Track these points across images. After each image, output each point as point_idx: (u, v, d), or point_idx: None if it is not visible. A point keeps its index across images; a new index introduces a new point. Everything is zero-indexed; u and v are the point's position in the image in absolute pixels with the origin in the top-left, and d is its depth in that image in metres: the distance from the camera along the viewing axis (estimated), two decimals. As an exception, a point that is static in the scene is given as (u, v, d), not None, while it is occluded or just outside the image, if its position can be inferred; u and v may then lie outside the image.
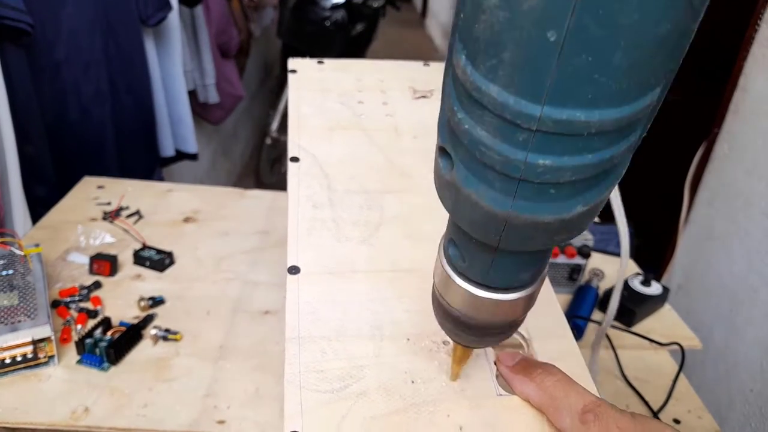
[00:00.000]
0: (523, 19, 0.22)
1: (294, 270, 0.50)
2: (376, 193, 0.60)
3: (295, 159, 0.63)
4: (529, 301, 0.36)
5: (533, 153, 0.25)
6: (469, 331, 0.37)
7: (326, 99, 0.74)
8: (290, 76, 0.77)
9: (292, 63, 0.81)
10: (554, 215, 0.28)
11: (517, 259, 0.33)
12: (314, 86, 0.76)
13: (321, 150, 0.64)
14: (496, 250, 0.32)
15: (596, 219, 1.08)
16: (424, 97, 0.77)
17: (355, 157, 0.64)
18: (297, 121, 0.69)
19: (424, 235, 0.55)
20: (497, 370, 0.43)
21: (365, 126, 0.70)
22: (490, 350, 0.45)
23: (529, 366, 0.41)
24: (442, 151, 0.30)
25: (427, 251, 0.50)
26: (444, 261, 0.36)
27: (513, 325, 0.38)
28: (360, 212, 0.57)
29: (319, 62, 0.82)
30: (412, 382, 0.42)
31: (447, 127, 0.29)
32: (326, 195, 0.58)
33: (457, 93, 0.27)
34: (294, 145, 0.65)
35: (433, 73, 0.84)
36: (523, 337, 0.47)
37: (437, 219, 0.52)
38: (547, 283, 0.52)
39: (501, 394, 0.42)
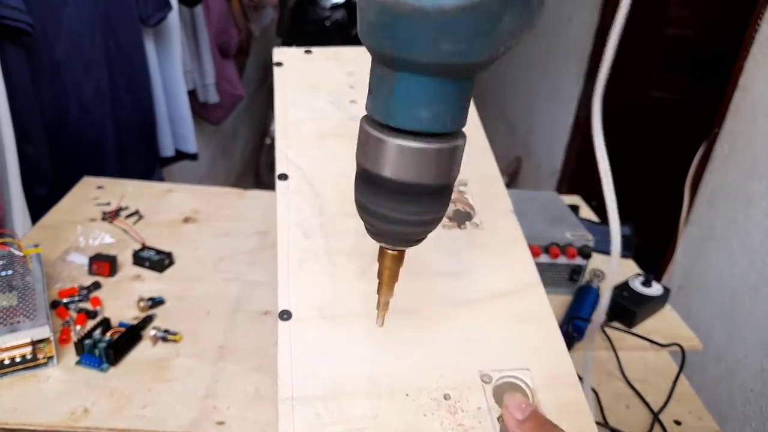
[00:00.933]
0: None
1: (285, 315, 0.47)
2: None
3: (283, 176, 0.59)
4: (446, 159, 0.35)
5: None
6: (388, 207, 0.36)
7: (316, 99, 0.69)
8: (276, 70, 0.72)
9: (278, 54, 0.75)
10: (434, 3, 0.29)
11: (415, 84, 0.32)
12: (302, 83, 0.71)
13: (311, 163, 0.60)
14: (393, 69, 0.32)
15: (595, 219, 1.08)
16: None
17: (348, 171, 0.62)
18: (285, 128, 0.65)
19: (424, 268, 0.52)
20: (503, 419, 0.41)
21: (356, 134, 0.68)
22: (495, 423, 0.43)
23: (540, 426, 0.39)
24: None
25: (426, 288, 0.48)
26: (363, 122, 0.36)
27: (433, 194, 0.36)
28: (355, 240, 0.54)
29: (307, 51, 0.76)
30: (381, 324, 0.40)
31: None
32: (318, 220, 0.55)
33: None
34: (282, 158, 0.61)
35: None
36: (527, 386, 0.45)
37: (440, 248, 0.51)
38: (550, 318, 0.50)
39: None
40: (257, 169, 3.31)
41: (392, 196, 0.36)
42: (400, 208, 0.36)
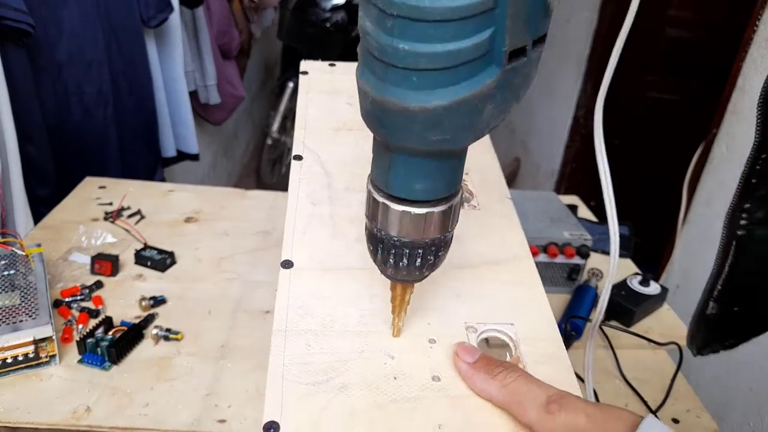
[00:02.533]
0: None
1: (287, 264, 0.50)
2: None
3: (298, 157, 0.63)
4: (443, 220, 0.39)
5: (396, 38, 0.30)
6: (398, 256, 0.39)
7: (335, 101, 0.75)
8: (301, 78, 0.78)
9: (304, 65, 0.82)
10: (418, 103, 0.32)
11: (409, 164, 0.36)
12: (324, 87, 0.77)
13: (325, 149, 0.65)
14: (389, 150, 0.36)
15: (594, 219, 1.08)
16: None
17: (358, 157, 0.65)
18: (304, 121, 0.70)
19: None
20: (455, 366, 0.43)
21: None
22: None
23: (489, 364, 0.41)
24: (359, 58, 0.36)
25: None
26: (369, 185, 0.40)
27: (434, 247, 0.40)
28: (359, 210, 0.57)
29: (331, 65, 0.83)
30: (395, 378, 0.42)
31: (360, 36, 0.35)
32: (326, 193, 0.59)
33: (363, 3, 0.33)
34: (299, 144, 0.65)
35: None
36: (510, 338, 0.47)
37: None
38: (537, 284, 0.52)
39: None
40: (258, 170, 3.32)
41: (396, 250, 0.40)
42: (404, 260, 0.40)
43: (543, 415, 0.37)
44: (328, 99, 0.75)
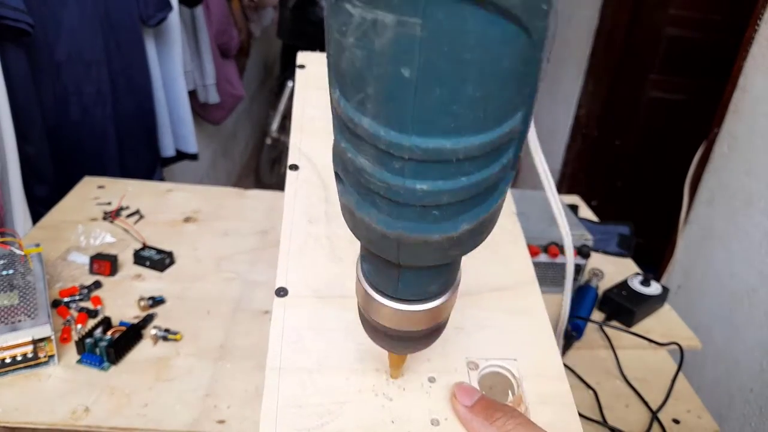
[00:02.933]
0: (378, 57, 0.24)
1: (281, 292, 0.48)
2: None
3: (294, 167, 0.61)
4: (447, 305, 0.37)
5: (410, 179, 0.27)
6: (398, 341, 0.38)
7: None
8: (298, 72, 0.75)
9: (301, 57, 0.79)
10: (441, 234, 0.29)
11: (422, 274, 0.34)
12: (322, 83, 0.73)
13: (322, 156, 0.63)
14: (399, 266, 0.33)
15: (595, 219, 1.08)
16: None
17: None
18: (301, 123, 0.67)
19: None
20: (453, 409, 0.41)
21: None
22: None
23: (489, 408, 0.40)
24: (336, 175, 0.32)
25: None
26: (361, 277, 0.37)
27: (437, 329, 0.38)
28: None
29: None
30: (392, 422, 0.41)
31: (337, 154, 0.31)
32: (323, 208, 0.57)
33: (339, 125, 0.29)
34: (295, 150, 0.63)
35: None
36: (513, 375, 0.45)
37: None
38: (542, 314, 0.50)
39: None
40: (257, 169, 3.31)
41: (401, 341, 0.38)
42: (401, 344, 0.38)
43: None
44: (325, 96, 0.72)
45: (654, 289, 1.03)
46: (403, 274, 0.33)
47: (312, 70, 0.78)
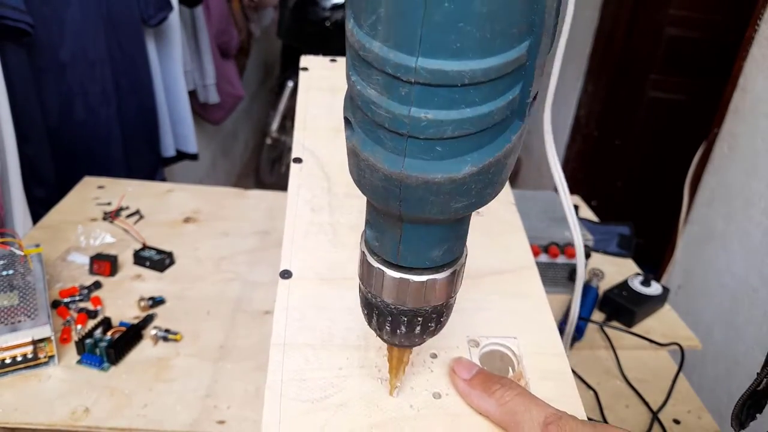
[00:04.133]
0: None
1: (286, 274, 0.49)
2: None
3: (297, 160, 0.62)
4: (447, 286, 0.36)
5: (415, 107, 0.27)
6: (397, 325, 0.37)
7: (336, 99, 0.73)
8: (301, 74, 0.77)
9: (305, 60, 0.80)
10: (444, 173, 0.29)
11: (424, 233, 0.33)
12: (324, 85, 0.76)
13: (325, 151, 0.64)
14: (401, 221, 0.33)
15: (595, 219, 1.08)
16: None
17: None
18: (304, 122, 0.69)
19: None
20: (453, 384, 0.42)
21: None
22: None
23: (487, 380, 0.40)
24: (345, 121, 0.32)
25: None
26: (363, 247, 0.37)
27: (436, 314, 0.37)
28: (359, 217, 0.56)
29: (332, 60, 0.82)
30: (395, 395, 0.41)
31: (347, 95, 0.31)
32: (326, 199, 0.58)
33: (351, 57, 0.29)
34: (298, 146, 0.64)
35: None
36: (513, 353, 0.46)
37: None
38: (542, 297, 0.51)
39: None
40: (257, 169, 3.31)
41: (397, 318, 0.37)
42: (404, 328, 0.38)
43: None
44: (328, 97, 0.74)
45: (654, 289, 1.03)
46: (405, 232, 0.33)
47: (314, 74, 0.79)
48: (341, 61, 0.83)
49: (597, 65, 2.39)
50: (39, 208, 1.19)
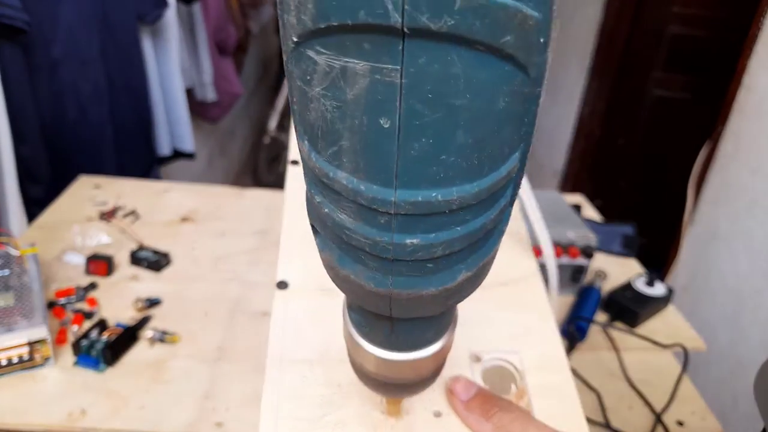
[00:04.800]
0: (352, 108, 0.21)
1: (282, 285, 0.48)
2: None
3: (296, 162, 0.62)
4: (442, 353, 0.35)
5: (399, 233, 0.24)
6: (390, 387, 0.36)
7: None
8: None
9: None
10: (438, 287, 0.27)
11: (416, 324, 0.31)
12: None
13: None
14: (392, 319, 0.30)
15: (598, 219, 1.07)
16: None
17: None
18: None
19: None
20: (450, 404, 0.41)
21: None
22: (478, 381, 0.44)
23: (485, 402, 0.39)
24: (313, 228, 0.29)
25: None
26: (350, 325, 0.34)
27: (433, 376, 0.37)
28: None
29: None
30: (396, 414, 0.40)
31: (311, 206, 0.28)
32: None
33: (311, 176, 0.26)
34: (296, 147, 0.63)
35: None
36: (515, 368, 0.45)
37: None
38: (545, 308, 0.50)
39: None
40: (255, 168, 3.31)
41: (394, 388, 0.36)
42: (396, 390, 0.36)
43: None
44: None
45: (658, 290, 1.02)
46: (396, 326, 0.31)
47: None
48: None
49: (600, 63, 2.38)
50: (34, 207, 1.19)
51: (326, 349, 0.44)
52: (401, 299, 0.27)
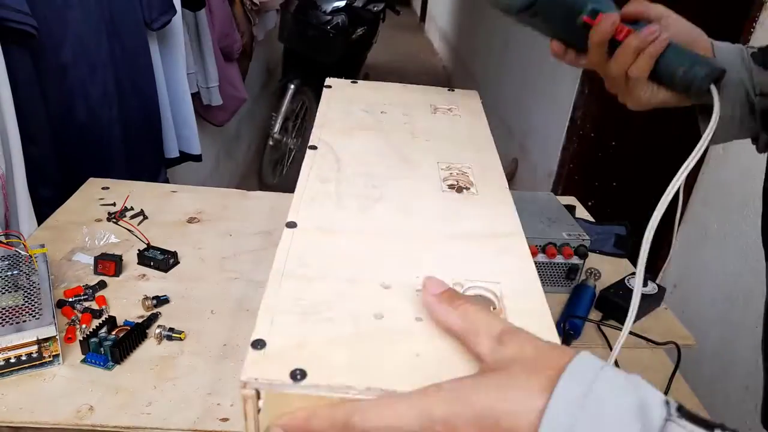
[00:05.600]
0: None
1: (291, 225, 0.53)
2: (381, 177, 0.63)
3: (313, 147, 0.67)
4: None
5: None
6: None
7: (352, 107, 0.79)
8: (325, 91, 0.84)
9: (329, 81, 0.88)
10: None
11: None
12: (344, 98, 0.82)
13: (339, 143, 0.69)
14: None
15: (592, 219, 1.10)
16: (442, 110, 0.83)
17: (368, 150, 0.68)
18: (322, 121, 0.75)
19: (415, 211, 0.58)
20: (422, 299, 0.43)
21: (383, 128, 0.74)
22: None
23: (453, 297, 0.42)
24: None
25: (418, 224, 0.56)
26: None
27: None
28: (363, 189, 0.60)
29: (353, 82, 0.89)
30: (382, 317, 0.43)
31: None
32: (335, 174, 0.62)
33: None
34: (315, 138, 0.70)
35: (455, 97, 0.89)
36: (495, 295, 0.47)
37: (438, 204, 0.60)
38: (527, 255, 0.53)
39: None
40: (260, 171, 3.33)
41: None
42: None
43: (495, 345, 0.37)
44: (347, 106, 0.80)
45: (650, 288, 1.04)
46: None
47: (337, 90, 0.87)
48: (362, 83, 0.90)
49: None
50: (44, 208, 1.20)
51: (326, 269, 0.48)
52: None
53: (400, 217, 0.56)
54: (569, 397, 0.31)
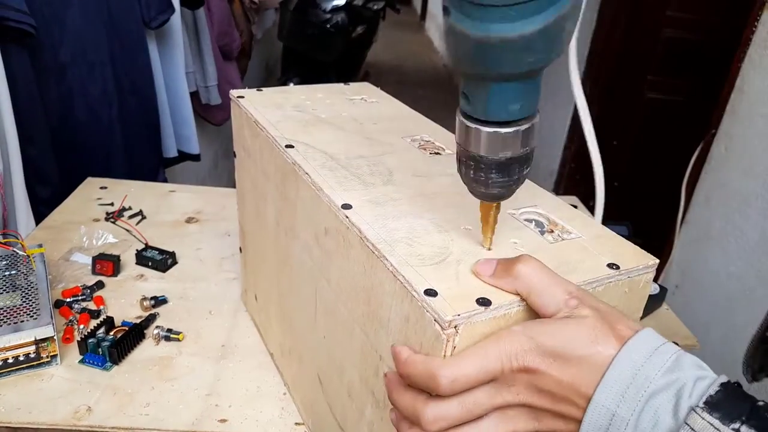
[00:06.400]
0: None
1: (346, 206, 0.54)
2: (370, 156, 0.65)
3: (290, 146, 0.66)
4: (528, 135, 0.44)
5: None
6: (486, 173, 0.44)
7: (283, 109, 0.78)
8: (239, 101, 0.80)
9: (235, 93, 0.84)
10: (516, 32, 0.36)
11: (507, 88, 0.41)
12: (267, 104, 0.79)
13: (308, 139, 0.68)
14: (487, 80, 0.40)
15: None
16: (357, 100, 0.85)
17: (338, 139, 0.69)
18: (273, 125, 0.72)
19: (427, 174, 0.62)
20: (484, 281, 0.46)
21: (330, 122, 0.75)
22: None
23: (507, 266, 0.43)
24: (444, 10, 0.40)
25: (441, 181, 0.60)
26: (459, 116, 0.44)
27: (520, 162, 0.44)
28: (370, 168, 0.62)
29: (258, 90, 0.86)
30: (490, 249, 0.49)
31: None
32: (334, 163, 0.63)
33: None
34: (281, 138, 0.68)
35: (356, 89, 0.89)
36: (541, 214, 0.55)
37: (430, 161, 0.65)
38: (553, 197, 0.58)
39: None
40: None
41: (488, 170, 0.45)
42: (495, 178, 0.45)
43: (563, 308, 0.40)
44: (276, 109, 0.78)
45: (652, 288, 1.03)
46: (492, 89, 0.41)
47: (251, 98, 0.84)
48: (266, 90, 0.87)
49: (595, 66, 2.40)
50: (42, 208, 1.20)
51: (411, 230, 0.51)
52: (492, 44, 0.37)
53: (422, 180, 0.60)
54: (635, 357, 0.36)
